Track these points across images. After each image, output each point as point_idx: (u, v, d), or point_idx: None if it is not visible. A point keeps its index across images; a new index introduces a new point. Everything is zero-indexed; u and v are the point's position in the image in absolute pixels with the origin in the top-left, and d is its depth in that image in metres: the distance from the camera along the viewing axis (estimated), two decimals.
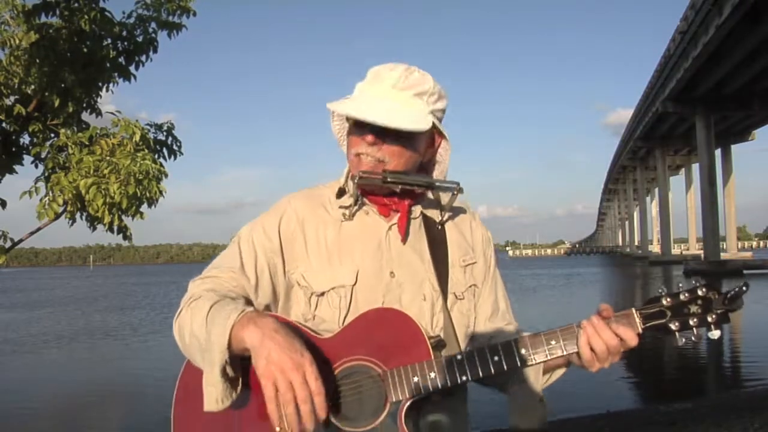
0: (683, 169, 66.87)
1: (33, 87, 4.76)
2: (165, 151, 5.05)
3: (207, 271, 1.22)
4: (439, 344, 1.14)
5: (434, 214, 1.29)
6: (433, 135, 1.27)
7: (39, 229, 4.73)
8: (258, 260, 1.21)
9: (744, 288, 1.03)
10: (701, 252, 43.53)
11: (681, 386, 8.36)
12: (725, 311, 1.06)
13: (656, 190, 64.12)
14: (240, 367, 1.06)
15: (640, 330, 1.07)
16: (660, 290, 1.08)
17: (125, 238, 4.69)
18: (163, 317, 19.78)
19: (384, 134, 1.17)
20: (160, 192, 4.43)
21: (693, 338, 1.06)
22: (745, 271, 33.78)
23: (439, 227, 1.28)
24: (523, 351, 1.08)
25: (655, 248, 69.15)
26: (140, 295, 34.05)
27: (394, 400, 1.08)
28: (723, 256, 39.30)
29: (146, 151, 4.54)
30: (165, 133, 5.09)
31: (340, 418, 1.09)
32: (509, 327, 1.32)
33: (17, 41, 4.57)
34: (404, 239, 1.24)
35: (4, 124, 4.86)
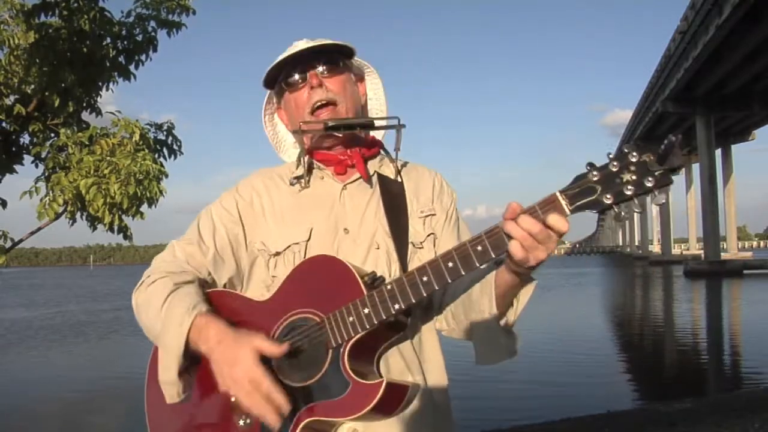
0: (683, 169, 66.88)
1: (33, 87, 4.76)
2: (165, 150, 5.05)
3: (169, 247, 1.28)
4: (375, 281, 1.11)
5: (390, 171, 1.32)
6: (359, 80, 1.36)
7: (39, 229, 4.73)
8: (216, 231, 1.25)
9: (674, 138, 0.88)
10: (701, 252, 43.55)
11: (681, 386, 8.35)
12: (664, 171, 0.90)
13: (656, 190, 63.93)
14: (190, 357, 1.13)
15: (568, 212, 0.94)
16: (587, 167, 0.95)
17: (125, 237, 4.69)
18: None
19: (324, 73, 1.26)
20: (161, 192, 4.43)
21: (635, 209, 0.92)
22: (745, 271, 33.80)
23: (397, 183, 1.29)
24: (450, 264, 1.02)
25: (656, 248, 69.18)
26: None
27: (334, 345, 1.07)
28: (723, 256, 39.28)
29: (146, 151, 4.54)
30: (165, 133, 5.09)
31: (287, 375, 1.09)
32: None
33: (17, 41, 4.57)
34: (369, 183, 1.27)
35: (4, 124, 4.86)
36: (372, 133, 1.36)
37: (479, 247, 1.00)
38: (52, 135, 4.93)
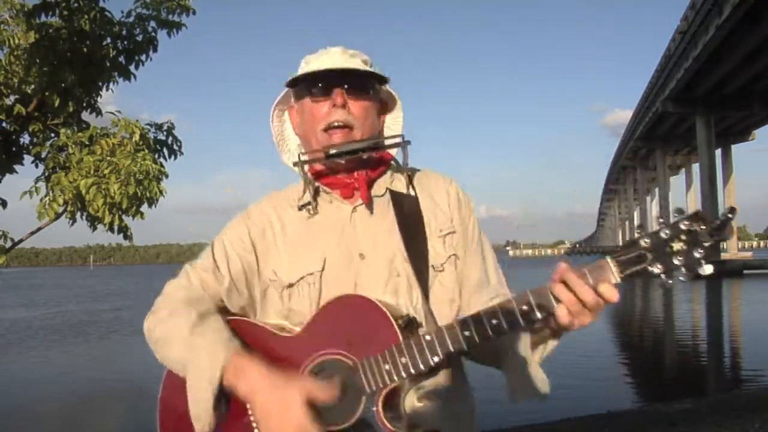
0: (683, 169, 66.87)
1: (33, 87, 4.76)
2: (165, 151, 5.05)
3: (183, 272, 1.25)
4: (409, 324, 1.08)
5: (402, 187, 1.25)
6: (381, 106, 1.31)
7: (39, 229, 4.73)
8: (231, 260, 1.22)
9: (730, 215, 0.89)
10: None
11: (681, 386, 8.35)
12: (714, 243, 0.90)
13: (656, 190, 64.09)
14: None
15: (618, 280, 0.94)
16: (637, 231, 0.95)
17: (125, 237, 4.69)
18: None
19: (350, 95, 1.20)
20: (161, 192, 4.43)
21: (682, 278, 0.92)
22: (745, 271, 33.79)
23: (411, 199, 1.24)
24: (494, 321, 0.99)
25: None
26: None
27: (368, 392, 1.04)
28: (723, 256, 39.24)
29: (146, 151, 4.54)
30: (165, 133, 5.09)
31: (317, 418, 1.05)
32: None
33: (17, 41, 4.57)
34: (370, 209, 1.21)
35: (4, 124, 4.86)
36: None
37: (524, 307, 0.98)
38: (52, 135, 4.93)
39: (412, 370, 1.02)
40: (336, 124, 1.19)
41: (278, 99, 1.32)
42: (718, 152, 44.08)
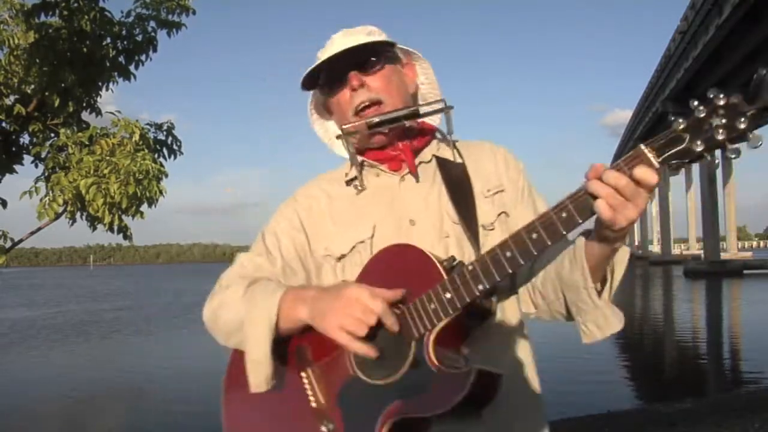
0: (683, 169, 66.90)
1: (33, 87, 4.76)
2: (165, 150, 5.06)
3: (237, 259, 1.27)
4: (454, 265, 1.03)
5: (449, 154, 1.25)
6: (409, 67, 1.29)
7: (39, 229, 4.73)
8: (282, 243, 1.24)
9: (764, 72, 0.79)
10: (701, 252, 43.53)
11: (681, 386, 8.35)
12: (757, 110, 0.81)
13: (656, 190, 64.01)
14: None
15: (656, 164, 0.86)
16: (671, 117, 0.88)
17: (125, 237, 4.69)
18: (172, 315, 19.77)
19: (362, 74, 1.19)
20: (160, 192, 4.44)
21: (731, 155, 0.85)
22: (745, 271, 33.82)
23: (457, 165, 1.22)
24: (534, 235, 0.93)
25: (656, 248, 69.17)
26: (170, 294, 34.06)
27: (416, 336, 1.00)
28: (723, 256, 39.33)
29: (146, 150, 4.55)
30: (165, 133, 5.10)
31: (369, 373, 1.03)
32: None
33: (17, 41, 4.58)
34: (416, 177, 1.21)
35: (4, 124, 4.86)
36: (427, 118, 1.27)
37: (564, 214, 0.91)
38: (52, 135, 4.93)
39: (458, 304, 0.98)
40: (362, 105, 1.19)
41: (310, 102, 1.33)
42: (718, 152, 44.06)
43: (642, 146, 0.87)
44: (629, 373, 9.61)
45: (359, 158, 1.23)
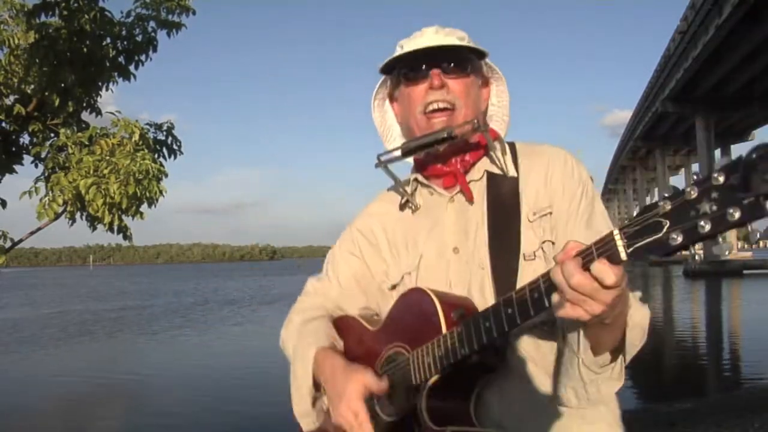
0: (683, 169, 66.87)
1: (33, 87, 4.77)
2: (165, 150, 5.06)
3: (306, 284, 1.37)
4: (462, 317, 1.01)
5: (503, 168, 1.18)
6: (483, 82, 1.24)
7: (39, 229, 4.73)
8: (340, 269, 1.31)
9: (754, 156, 0.64)
10: (701, 252, 43.51)
11: (681, 386, 8.35)
12: (757, 196, 0.63)
13: (656, 190, 64.10)
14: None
15: (624, 256, 0.74)
16: (663, 193, 0.72)
17: (125, 238, 4.69)
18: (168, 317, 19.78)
19: (448, 73, 1.15)
20: (160, 192, 4.43)
21: (720, 252, 0.70)
22: (745, 271, 33.80)
23: (509, 181, 1.15)
24: (509, 311, 0.89)
25: None
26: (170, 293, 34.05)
27: (414, 383, 1.04)
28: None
29: (146, 150, 4.54)
30: (165, 133, 5.10)
31: (383, 409, 1.10)
32: None
33: (17, 41, 4.58)
34: (466, 196, 1.17)
35: (4, 124, 4.86)
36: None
37: (536, 294, 0.85)
38: (52, 135, 4.93)
39: (445, 363, 0.99)
40: (436, 106, 1.14)
41: (377, 88, 1.28)
42: (718, 152, 44.09)
43: (616, 231, 0.75)
44: (629, 373, 9.53)
45: (413, 176, 1.24)
